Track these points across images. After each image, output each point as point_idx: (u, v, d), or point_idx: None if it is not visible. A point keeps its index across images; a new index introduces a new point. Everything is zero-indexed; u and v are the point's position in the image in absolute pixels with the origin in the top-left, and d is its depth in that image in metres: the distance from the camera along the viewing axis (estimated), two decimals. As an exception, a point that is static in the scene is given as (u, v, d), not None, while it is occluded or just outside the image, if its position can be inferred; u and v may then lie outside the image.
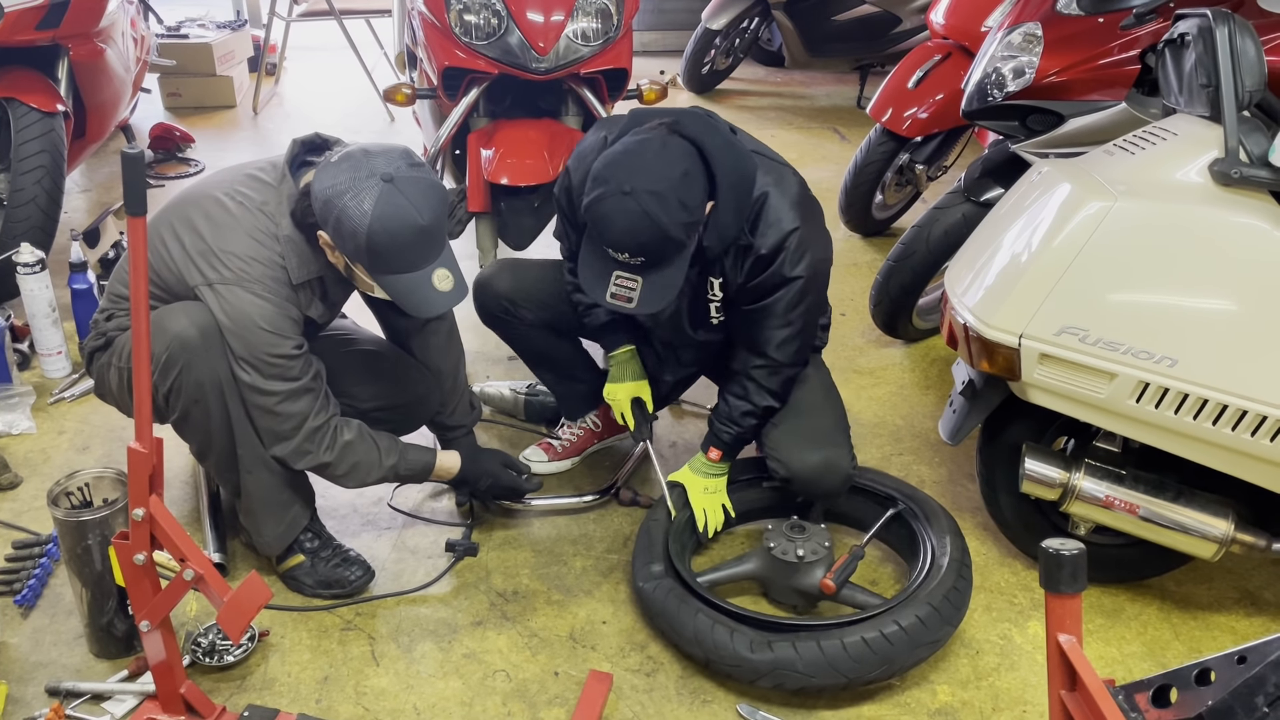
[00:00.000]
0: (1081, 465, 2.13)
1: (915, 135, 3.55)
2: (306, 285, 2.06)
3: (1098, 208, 1.91)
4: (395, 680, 2.04)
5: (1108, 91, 2.62)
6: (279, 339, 1.99)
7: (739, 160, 2.06)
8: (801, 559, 2.16)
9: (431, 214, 1.90)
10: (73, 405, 2.92)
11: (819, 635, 1.96)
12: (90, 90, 3.60)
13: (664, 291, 2.01)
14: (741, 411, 2.27)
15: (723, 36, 5.89)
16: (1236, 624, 2.25)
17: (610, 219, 1.92)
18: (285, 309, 2.01)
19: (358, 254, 1.91)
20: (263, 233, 2.00)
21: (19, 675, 2.01)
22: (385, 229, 1.86)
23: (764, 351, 2.21)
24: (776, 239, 2.09)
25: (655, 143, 1.96)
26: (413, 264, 1.92)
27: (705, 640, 1.99)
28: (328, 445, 2.11)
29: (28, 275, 2.96)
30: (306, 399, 2.06)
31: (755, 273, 2.13)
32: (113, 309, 2.16)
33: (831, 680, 1.94)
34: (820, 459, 2.24)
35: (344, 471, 2.15)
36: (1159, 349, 1.88)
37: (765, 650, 1.94)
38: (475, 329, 3.38)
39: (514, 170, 2.79)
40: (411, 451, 2.25)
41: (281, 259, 2.00)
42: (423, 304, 1.97)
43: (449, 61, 2.84)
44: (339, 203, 1.87)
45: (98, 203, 4.34)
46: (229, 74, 5.63)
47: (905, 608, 2.00)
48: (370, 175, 1.87)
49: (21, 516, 2.46)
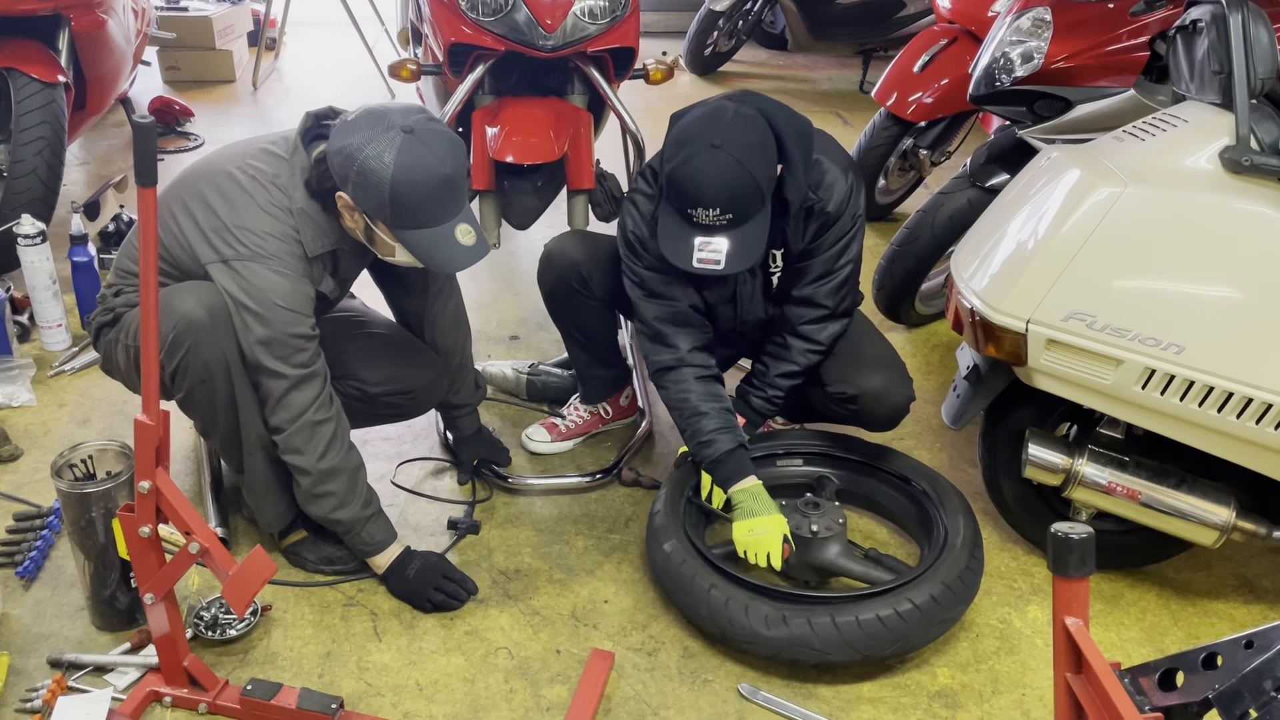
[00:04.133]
0: (1084, 451, 2.14)
1: (920, 120, 3.54)
2: (320, 259, 2.04)
3: (1107, 194, 1.90)
4: (398, 656, 2.05)
5: (1116, 78, 2.61)
6: (298, 317, 1.98)
7: (796, 121, 2.14)
8: (815, 534, 2.17)
9: (454, 164, 1.89)
10: (73, 378, 2.91)
11: (834, 609, 1.96)
12: (91, 62, 3.58)
13: (751, 249, 2.05)
14: (779, 372, 2.31)
15: (726, 18, 5.86)
16: (1235, 611, 2.27)
17: (703, 173, 1.97)
18: (302, 286, 2.00)
19: (380, 209, 1.88)
20: (276, 207, 1.98)
21: (21, 647, 2.02)
22: (409, 179, 1.84)
23: (816, 300, 2.26)
24: (841, 197, 2.18)
25: (728, 109, 2.04)
26: (436, 217, 1.90)
27: (720, 615, 1.99)
28: (321, 451, 2.05)
29: (28, 247, 2.94)
30: (314, 386, 2.04)
31: (821, 232, 2.21)
32: (120, 284, 2.14)
33: (847, 656, 1.95)
34: (884, 380, 2.31)
35: (318, 490, 2.08)
36: (1166, 336, 1.88)
37: (781, 626, 1.95)
38: (479, 308, 3.39)
39: (519, 149, 2.77)
40: (379, 522, 2.16)
41: (296, 233, 1.99)
42: (447, 260, 1.95)
43: (455, 37, 2.81)
44: (359, 157, 1.84)
45: (97, 175, 4.32)
46: (228, 48, 5.59)
47: (922, 584, 2.01)
48: (389, 128, 1.84)
49: (22, 489, 2.45)
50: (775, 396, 2.33)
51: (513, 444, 2.67)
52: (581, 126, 2.87)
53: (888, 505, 2.43)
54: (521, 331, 3.30)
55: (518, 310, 3.43)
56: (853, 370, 2.32)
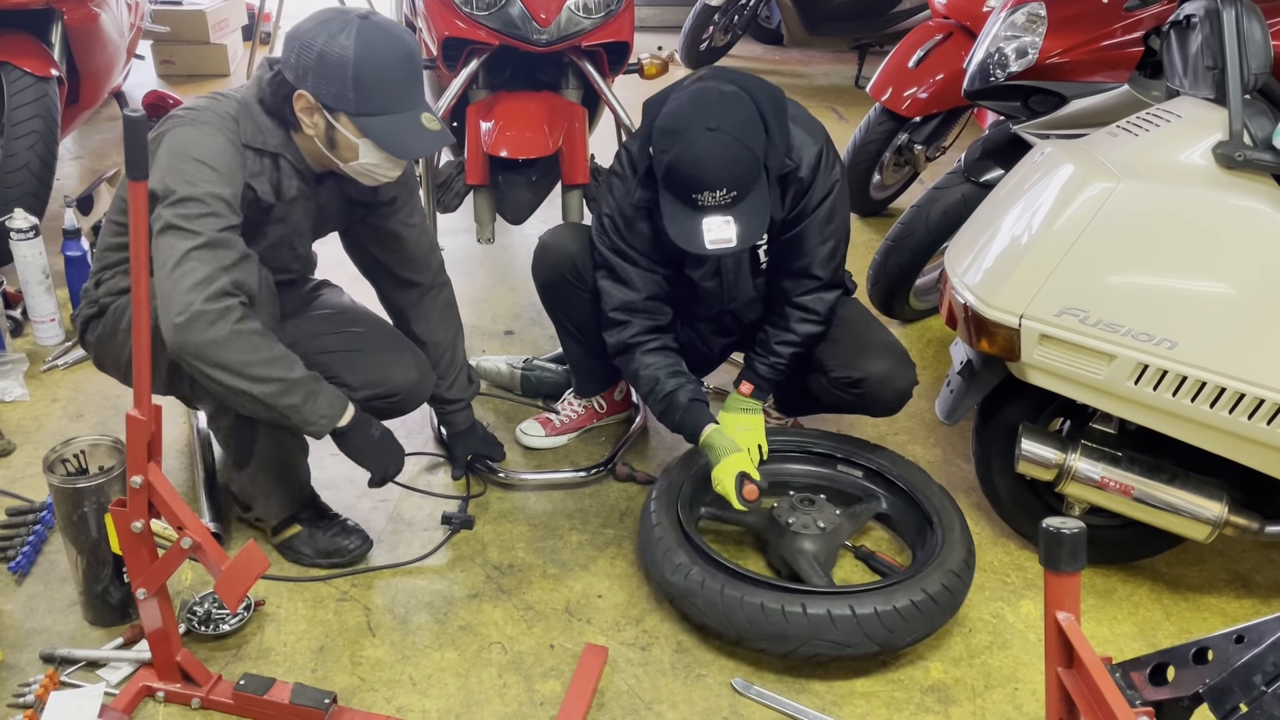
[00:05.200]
0: (1077, 446, 2.14)
1: (915, 115, 3.54)
2: (257, 154, 1.95)
3: (1100, 189, 1.91)
4: (391, 651, 2.05)
5: (1110, 73, 2.61)
6: (218, 177, 1.84)
7: (768, 89, 2.16)
8: (789, 526, 2.18)
9: (415, 45, 1.87)
10: (66, 373, 2.91)
11: (852, 600, 1.96)
12: (84, 55, 3.56)
13: (759, 220, 2.08)
14: (779, 340, 2.32)
15: (721, 13, 5.85)
16: (1227, 606, 2.27)
17: (707, 156, 1.99)
18: (231, 152, 1.88)
19: (343, 95, 1.84)
20: (223, 96, 1.95)
21: (13, 642, 2.01)
22: (373, 57, 1.82)
23: (809, 272, 2.29)
24: (812, 159, 2.19)
25: (712, 90, 2.06)
26: (401, 101, 1.88)
27: (736, 617, 1.98)
28: (229, 320, 1.81)
29: (21, 241, 2.93)
30: (223, 253, 1.83)
31: (798, 198, 2.22)
32: (100, 275, 2.12)
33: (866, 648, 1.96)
34: (889, 364, 2.33)
35: (231, 362, 1.83)
36: (1159, 331, 1.89)
37: (802, 621, 1.94)
38: (473, 303, 3.39)
39: (513, 143, 2.77)
40: (327, 390, 1.98)
41: (234, 119, 1.92)
42: (414, 144, 1.92)
43: (449, 31, 2.81)
44: (317, 44, 1.82)
45: (90, 170, 4.31)
46: (223, 42, 5.57)
47: (931, 575, 2.02)
48: (343, 15, 1.84)
49: (15, 484, 2.44)
50: (778, 363, 2.35)
51: (507, 439, 2.67)
52: (576, 121, 2.87)
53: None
54: (516, 326, 3.30)
55: (512, 305, 3.42)
56: (856, 355, 2.33)
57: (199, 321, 1.79)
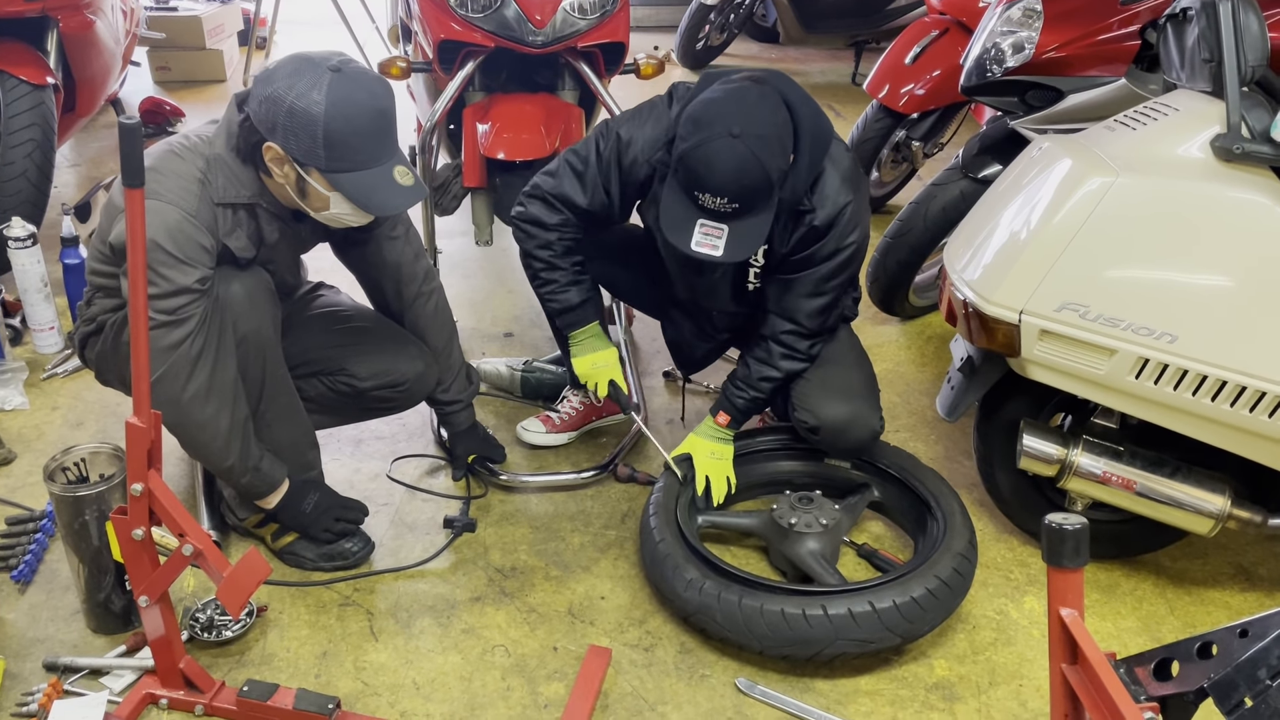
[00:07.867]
0: (1079, 441, 2.14)
1: (912, 112, 3.54)
2: (232, 210, 1.94)
3: (1099, 183, 1.90)
4: (394, 655, 2.05)
5: (1107, 67, 2.61)
6: (177, 264, 1.84)
7: (818, 118, 2.09)
8: (792, 527, 2.18)
9: (387, 98, 1.84)
10: (65, 381, 2.90)
11: (871, 595, 1.96)
12: (80, 63, 3.56)
13: (751, 240, 2.02)
14: (760, 376, 2.28)
15: (717, 12, 5.85)
16: (1231, 599, 2.27)
17: (717, 161, 1.93)
18: (192, 230, 1.86)
19: (312, 152, 1.81)
20: (190, 151, 1.91)
21: (16, 651, 2.01)
22: (342, 114, 1.78)
23: (796, 319, 2.23)
24: (832, 212, 2.11)
25: (752, 91, 1.99)
26: (372, 156, 1.84)
27: (757, 627, 1.96)
28: (193, 378, 1.91)
29: (19, 250, 2.93)
30: (186, 327, 1.89)
31: (805, 244, 2.16)
32: (92, 296, 2.12)
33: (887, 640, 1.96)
34: (849, 411, 2.26)
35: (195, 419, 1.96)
36: (1159, 325, 1.88)
37: (825, 623, 1.93)
38: (472, 305, 3.39)
39: (510, 145, 2.76)
40: (269, 460, 2.11)
41: (203, 175, 1.89)
42: (386, 201, 1.89)
43: (444, 34, 2.80)
44: (286, 99, 1.78)
45: (87, 177, 4.31)
46: (219, 48, 5.58)
47: (941, 560, 2.02)
48: (315, 69, 1.79)
49: (16, 493, 2.44)
50: (757, 398, 2.31)
51: (508, 441, 2.67)
52: (573, 122, 2.87)
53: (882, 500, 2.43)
54: (515, 328, 3.30)
55: (511, 307, 3.42)
56: (818, 398, 2.27)
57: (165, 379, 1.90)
